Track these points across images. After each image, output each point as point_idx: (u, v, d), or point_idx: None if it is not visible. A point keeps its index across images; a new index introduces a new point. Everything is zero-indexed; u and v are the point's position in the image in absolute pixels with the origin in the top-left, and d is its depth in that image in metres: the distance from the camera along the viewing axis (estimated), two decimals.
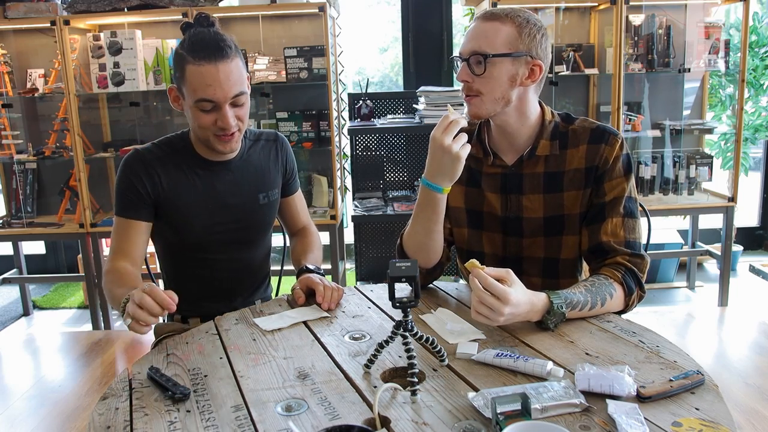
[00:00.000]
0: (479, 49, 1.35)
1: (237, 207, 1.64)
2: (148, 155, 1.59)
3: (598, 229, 1.41)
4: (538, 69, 1.37)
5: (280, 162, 1.74)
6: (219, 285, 1.70)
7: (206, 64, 1.42)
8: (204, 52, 1.42)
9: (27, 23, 3.23)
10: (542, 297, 1.25)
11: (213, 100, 1.44)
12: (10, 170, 3.52)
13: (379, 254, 3.61)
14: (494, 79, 1.36)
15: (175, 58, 1.49)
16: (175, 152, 1.61)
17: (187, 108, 1.50)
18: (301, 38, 3.44)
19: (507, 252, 1.53)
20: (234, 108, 1.48)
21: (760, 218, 4.33)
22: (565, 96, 3.57)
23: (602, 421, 0.93)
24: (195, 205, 1.60)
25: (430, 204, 1.38)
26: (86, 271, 3.36)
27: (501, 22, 1.35)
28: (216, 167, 1.62)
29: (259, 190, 1.68)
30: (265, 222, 1.72)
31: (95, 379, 2.86)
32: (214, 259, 1.66)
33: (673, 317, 3.31)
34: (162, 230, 1.62)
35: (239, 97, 1.47)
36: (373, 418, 0.97)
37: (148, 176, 1.56)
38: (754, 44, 3.73)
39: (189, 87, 1.45)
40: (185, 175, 1.60)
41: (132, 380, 1.14)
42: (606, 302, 1.32)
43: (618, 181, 1.41)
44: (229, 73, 1.43)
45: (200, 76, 1.42)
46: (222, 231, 1.64)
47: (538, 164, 1.45)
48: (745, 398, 2.48)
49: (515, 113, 1.42)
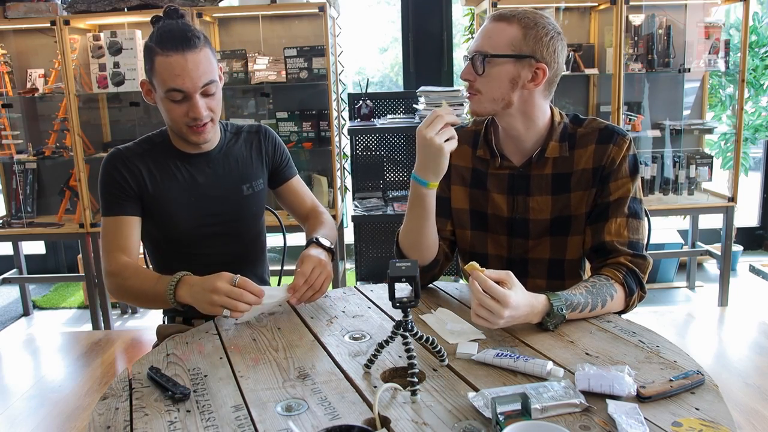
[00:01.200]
0: (481, 48, 1.35)
1: (220, 199, 1.64)
2: (127, 152, 1.60)
3: (601, 229, 1.41)
4: (541, 72, 1.35)
5: (264, 152, 1.73)
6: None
7: (174, 54, 1.43)
8: (171, 42, 1.43)
9: (27, 23, 3.23)
10: (542, 299, 1.25)
11: (182, 89, 1.45)
12: (10, 170, 3.52)
13: (379, 254, 3.61)
14: (494, 79, 1.36)
15: (144, 51, 1.49)
16: (154, 147, 1.62)
17: (159, 100, 1.51)
18: (301, 38, 3.44)
19: (512, 253, 1.53)
20: (205, 98, 1.48)
21: (760, 218, 4.33)
22: (565, 96, 3.57)
23: (602, 421, 0.93)
24: (177, 199, 1.60)
25: (419, 198, 1.39)
26: (86, 271, 3.36)
27: (507, 23, 1.35)
28: (196, 160, 1.63)
29: (243, 182, 1.67)
30: (251, 213, 1.71)
31: (95, 379, 2.86)
32: (202, 254, 1.65)
33: (673, 317, 3.31)
34: (148, 228, 1.63)
35: (209, 86, 1.48)
36: (373, 418, 0.97)
37: (129, 172, 1.57)
38: (754, 44, 3.73)
39: (158, 78, 1.46)
40: (165, 170, 1.60)
41: (132, 380, 1.14)
42: (607, 303, 1.32)
43: (623, 181, 1.40)
44: (197, 62, 1.44)
45: (169, 66, 1.43)
46: (207, 224, 1.64)
47: (546, 166, 1.45)
48: (745, 398, 2.48)
49: (520, 116, 1.41)
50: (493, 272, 1.20)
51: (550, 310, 1.24)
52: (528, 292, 1.22)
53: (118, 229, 1.57)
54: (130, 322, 3.61)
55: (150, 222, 1.62)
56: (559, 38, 1.37)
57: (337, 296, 1.53)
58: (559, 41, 1.37)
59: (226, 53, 3.28)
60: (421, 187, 1.36)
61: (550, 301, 1.24)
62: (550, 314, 1.24)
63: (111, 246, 1.56)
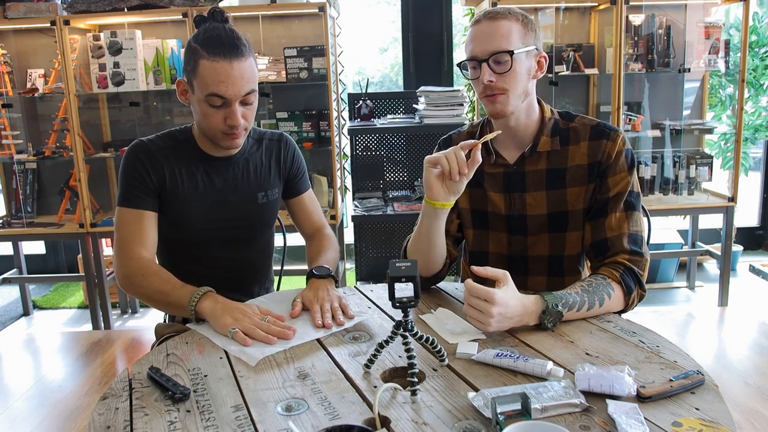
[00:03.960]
0: (501, 47, 1.37)
1: (235, 204, 1.64)
2: (151, 146, 1.59)
3: (602, 224, 1.42)
4: (544, 60, 1.43)
5: (282, 161, 1.72)
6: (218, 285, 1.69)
7: (221, 60, 1.41)
8: (220, 48, 1.42)
9: (27, 23, 3.23)
10: (534, 299, 1.25)
11: (224, 96, 1.43)
12: (10, 170, 3.52)
13: (379, 254, 3.61)
14: (518, 74, 1.39)
15: (187, 50, 1.47)
16: (177, 145, 1.61)
17: (195, 102, 1.49)
18: (301, 38, 3.44)
19: (512, 251, 1.54)
20: (243, 106, 1.48)
21: (760, 218, 4.33)
22: (565, 96, 3.57)
23: (602, 421, 0.93)
24: (194, 198, 1.59)
25: (425, 213, 1.40)
26: (86, 271, 3.36)
27: (508, 20, 1.38)
28: (217, 163, 1.62)
29: (259, 189, 1.67)
30: (263, 221, 1.71)
31: (95, 379, 2.86)
32: (211, 257, 1.65)
33: (673, 317, 3.31)
34: (161, 225, 1.60)
35: (249, 95, 1.47)
36: (373, 418, 0.97)
37: (152, 165, 1.56)
38: (754, 44, 3.73)
39: (200, 81, 1.44)
40: (186, 168, 1.59)
41: (132, 380, 1.14)
42: (604, 302, 1.32)
43: (622, 176, 1.42)
44: (243, 71, 1.43)
45: (214, 71, 1.42)
46: (220, 228, 1.63)
47: (539, 161, 1.47)
48: (745, 398, 2.48)
49: (525, 107, 1.45)
50: (492, 270, 1.22)
51: (546, 307, 1.24)
52: (520, 293, 1.23)
53: (137, 222, 1.54)
54: (130, 322, 3.61)
55: (163, 219, 1.60)
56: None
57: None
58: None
59: None
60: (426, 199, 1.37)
61: (544, 299, 1.24)
62: (546, 311, 1.24)
63: (130, 237, 1.53)
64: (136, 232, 1.53)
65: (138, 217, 1.54)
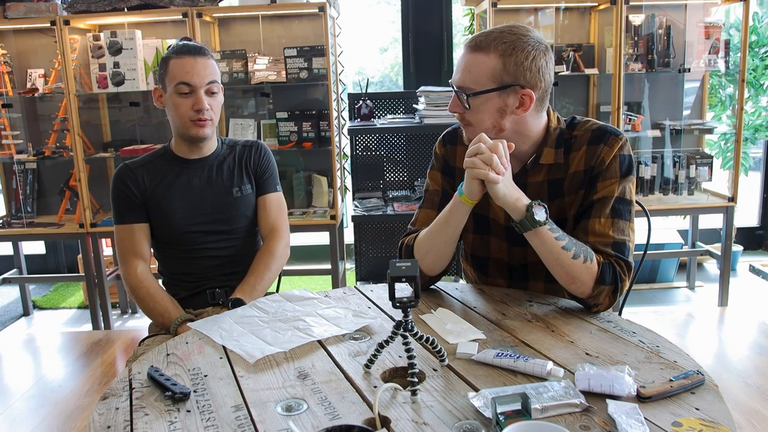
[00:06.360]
0: (463, 84, 1.35)
1: (212, 199, 1.81)
2: (132, 165, 1.82)
3: (584, 228, 1.39)
4: (528, 99, 1.33)
5: (252, 161, 1.88)
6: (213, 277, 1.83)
7: (187, 56, 1.70)
8: (185, 49, 1.72)
9: (27, 23, 3.23)
10: (525, 199, 1.31)
11: (190, 82, 1.69)
12: (10, 170, 3.52)
13: (379, 254, 3.61)
14: (482, 112, 1.35)
15: (160, 63, 1.76)
16: (156, 159, 1.84)
17: (168, 99, 1.73)
18: (301, 38, 3.44)
19: (512, 260, 1.54)
20: (208, 96, 1.72)
21: (760, 218, 4.33)
22: (565, 96, 3.57)
23: (602, 421, 0.93)
24: (174, 200, 1.78)
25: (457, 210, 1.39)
26: (86, 271, 3.36)
27: (485, 53, 1.31)
28: (192, 165, 1.82)
29: (233, 185, 1.84)
30: (240, 213, 1.85)
31: (95, 379, 2.86)
32: (200, 249, 1.81)
33: (673, 317, 3.31)
34: (153, 228, 1.80)
35: (212, 85, 1.72)
36: (373, 418, 0.97)
37: (133, 182, 1.78)
38: (754, 44, 3.73)
39: (170, 76, 1.70)
40: (165, 175, 1.80)
41: (132, 380, 1.14)
42: (579, 258, 1.30)
43: (611, 181, 1.38)
44: (206, 65, 1.72)
45: (180, 65, 1.70)
46: (201, 222, 1.80)
47: (541, 172, 1.45)
48: (745, 398, 2.48)
49: (514, 135, 1.39)
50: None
51: (528, 212, 1.28)
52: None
53: (130, 236, 1.77)
54: (130, 322, 3.61)
55: (153, 222, 1.80)
56: (541, 55, 1.33)
57: (337, 296, 1.53)
58: (541, 58, 1.33)
59: (226, 53, 3.27)
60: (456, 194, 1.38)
61: (537, 202, 1.28)
62: (528, 209, 1.28)
63: (126, 251, 1.77)
64: (130, 246, 1.77)
65: (130, 232, 1.77)
